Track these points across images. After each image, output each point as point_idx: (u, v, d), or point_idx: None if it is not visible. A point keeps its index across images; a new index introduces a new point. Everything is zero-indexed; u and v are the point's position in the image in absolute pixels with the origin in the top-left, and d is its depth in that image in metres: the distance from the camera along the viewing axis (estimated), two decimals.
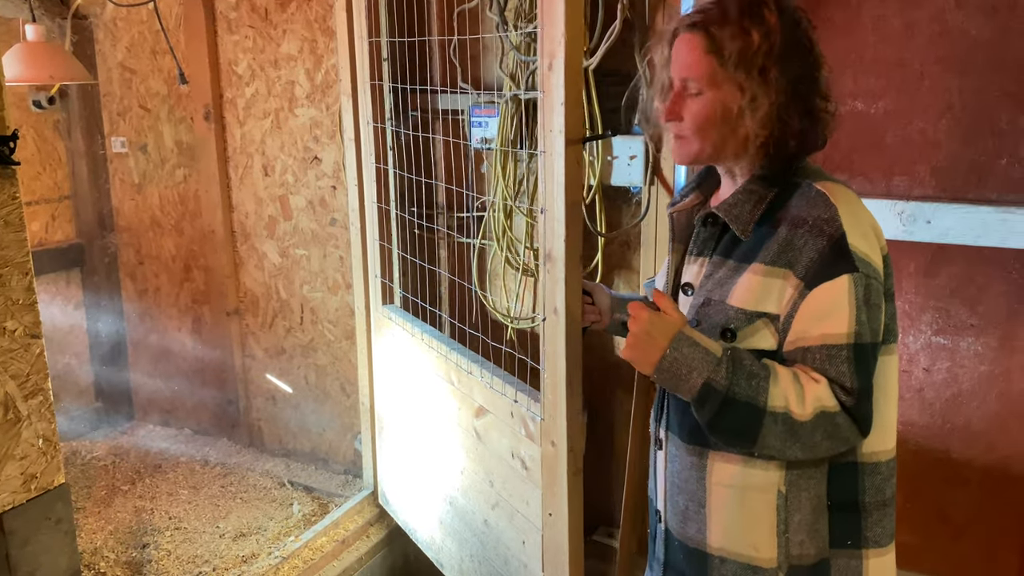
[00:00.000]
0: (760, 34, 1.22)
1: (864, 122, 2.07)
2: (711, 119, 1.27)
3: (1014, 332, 2.02)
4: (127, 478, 3.20)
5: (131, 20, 3.22)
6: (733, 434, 1.24)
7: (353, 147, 2.55)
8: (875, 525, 1.31)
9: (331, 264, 3.04)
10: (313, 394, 3.22)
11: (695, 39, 1.26)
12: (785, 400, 1.19)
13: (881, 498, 1.31)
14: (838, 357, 1.20)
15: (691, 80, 1.27)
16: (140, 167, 3.39)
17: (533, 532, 1.92)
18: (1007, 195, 1.97)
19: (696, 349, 1.22)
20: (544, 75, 1.60)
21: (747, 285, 1.25)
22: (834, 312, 1.20)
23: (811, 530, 1.29)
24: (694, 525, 1.35)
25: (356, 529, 2.68)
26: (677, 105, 1.30)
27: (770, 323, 1.24)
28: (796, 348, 1.24)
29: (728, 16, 1.24)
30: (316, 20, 2.82)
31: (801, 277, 1.22)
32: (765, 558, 1.30)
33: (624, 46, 2.23)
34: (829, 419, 1.20)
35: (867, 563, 1.32)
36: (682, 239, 1.42)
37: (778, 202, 1.29)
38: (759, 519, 1.29)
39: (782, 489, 1.28)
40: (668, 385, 1.26)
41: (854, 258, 1.20)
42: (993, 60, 1.93)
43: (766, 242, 1.26)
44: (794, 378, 1.21)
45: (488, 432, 2.07)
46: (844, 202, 1.24)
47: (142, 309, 3.57)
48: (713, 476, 1.32)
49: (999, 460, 2.10)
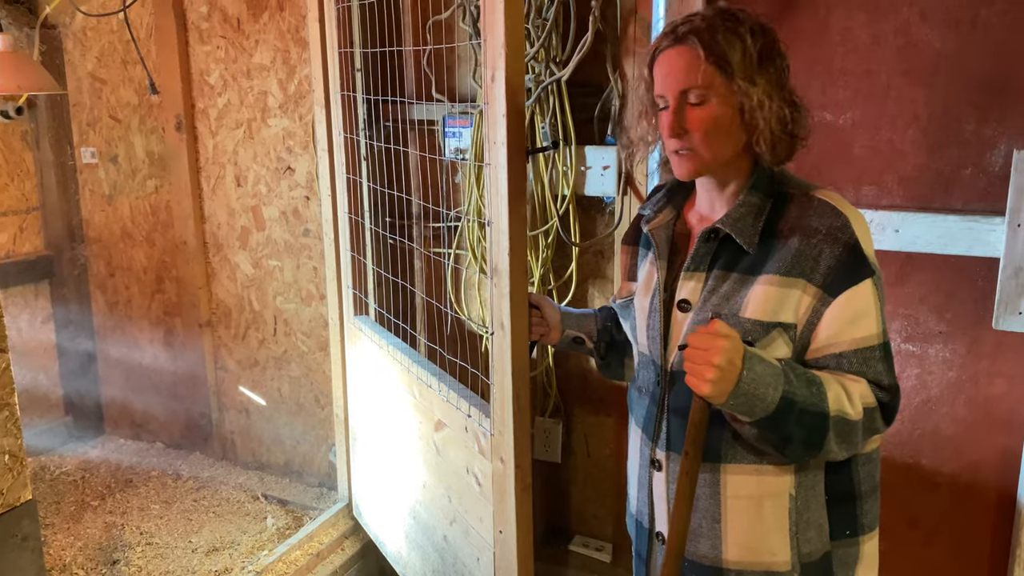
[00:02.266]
0: (751, 37, 1.25)
1: (833, 133, 2.10)
2: (720, 126, 1.27)
3: (981, 338, 2.05)
4: (97, 493, 3.15)
5: (101, 30, 3.20)
6: (804, 444, 1.22)
7: (326, 158, 2.54)
8: (868, 512, 1.35)
9: (304, 275, 3.02)
10: (287, 406, 3.20)
11: (689, 50, 1.26)
12: (839, 403, 1.21)
13: (872, 484, 1.36)
14: (873, 358, 1.25)
15: (692, 90, 1.26)
16: (110, 178, 3.36)
17: (486, 549, 1.91)
18: (972, 204, 2.01)
19: (765, 364, 1.19)
20: (488, 87, 1.59)
21: (762, 296, 1.25)
22: (864, 316, 1.24)
23: (817, 526, 1.32)
24: (707, 542, 1.34)
25: (331, 542, 2.65)
26: (679, 119, 1.28)
27: (784, 332, 1.26)
28: (828, 355, 1.26)
29: (715, 25, 1.26)
30: (289, 31, 2.81)
31: (820, 285, 1.24)
32: (781, 561, 1.31)
33: (596, 57, 2.25)
34: (871, 416, 1.25)
35: (862, 548, 1.36)
36: (664, 255, 1.41)
37: (775, 212, 1.30)
38: (775, 525, 1.30)
39: (792, 492, 1.30)
40: (742, 408, 1.19)
41: (870, 262, 1.25)
42: (957, 72, 1.97)
43: (774, 253, 1.27)
44: (836, 380, 1.23)
45: (447, 446, 2.06)
46: (850, 210, 1.28)
47: (113, 321, 3.52)
48: (728, 489, 1.31)
49: (967, 465, 2.13)
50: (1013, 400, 2.05)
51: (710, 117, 1.26)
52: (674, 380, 1.35)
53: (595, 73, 2.28)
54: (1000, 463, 2.09)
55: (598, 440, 2.61)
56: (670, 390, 1.36)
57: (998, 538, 2.13)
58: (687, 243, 1.39)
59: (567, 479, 2.69)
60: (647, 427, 1.42)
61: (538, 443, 2.61)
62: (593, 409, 2.59)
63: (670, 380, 1.36)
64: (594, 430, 2.61)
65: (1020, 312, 1.94)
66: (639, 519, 1.48)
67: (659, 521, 1.43)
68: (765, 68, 1.25)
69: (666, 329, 1.37)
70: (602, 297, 2.49)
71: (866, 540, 1.36)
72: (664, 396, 1.38)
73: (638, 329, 1.44)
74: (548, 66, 2.27)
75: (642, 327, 1.42)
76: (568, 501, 2.72)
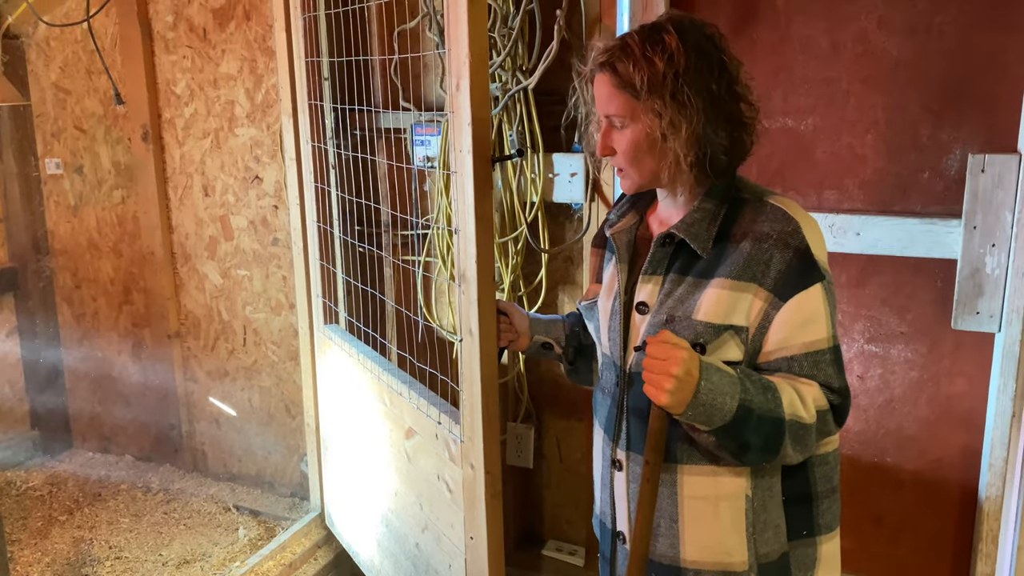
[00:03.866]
0: (663, 60, 1.25)
1: (794, 138, 2.14)
2: (639, 149, 1.31)
3: (941, 338, 2.10)
4: (65, 508, 3.11)
5: (65, 40, 3.16)
6: (761, 450, 1.24)
7: (294, 167, 2.53)
8: (826, 512, 1.37)
9: (274, 284, 3.01)
10: (258, 416, 3.18)
11: (606, 77, 1.30)
12: (793, 407, 1.23)
13: (830, 486, 1.37)
14: (823, 361, 1.27)
15: (613, 117, 1.32)
16: (76, 189, 3.32)
17: (458, 556, 1.91)
18: (930, 207, 2.05)
19: (721, 374, 1.20)
20: (452, 95, 1.60)
21: (714, 299, 1.27)
22: (814, 320, 1.26)
23: (774, 527, 1.34)
24: (666, 541, 1.36)
25: (303, 552, 2.64)
26: (607, 140, 1.35)
27: (736, 335, 1.27)
28: (779, 358, 1.27)
29: (629, 49, 1.27)
30: (256, 40, 2.81)
31: (771, 289, 1.26)
32: (738, 562, 1.32)
33: (562, 66, 2.27)
34: (824, 418, 1.27)
35: (820, 549, 1.38)
36: (625, 259, 1.44)
37: (729, 218, 1.32)
38: (732, 525, 1.32)
39: (749, 493, 1.31)
40: (700, 418, 1.20)
41: (820, 267, 1.27)
42: (913, 78, 2.01)
43: (726, 257, 1.29)
44: (789, 384, 1.25)
45: (417, 454, 2.07)
46: (801, 216, 1.30)
47: (80, 334, 3.48)
48: (685, 489, 1.33)
49: (930, 463, 2.18)
50: (973, 398, 2.09)
51: (628, 140, 1.31)
52: (632, 381, 1.37)
53: (561, 81, 2.29)
54: (962, 460, 2.13)
55: (570, 445, 2.62)
56: (629, 391, 1.38)
57: (961, 533, 2.17)
58: (648, 247, 1.41)
59: (540, 484, 2.71)
60: (608, 428, 1.44)
61: (510, 449, 2.62)
62: (564, 414, 2.61)
63: (629, 381, 1.38)
64: (566, 435, 2.62)
65: (977, 312, 1.98)
66: (603, 520, 1.50)
67: (620, 521, 1.44)
68: (688, 86, 1.25)
69: (626, 331, 1.39)
70: (571, 303, 2.51)
71: (824, 541, 1.38)
72: (624, 397, 1.40)
73: (601, 331, 1.46)
74: (515, 74, 2.29)
75: (604, 329, 1.45)
76: (541, 506, 2.73)
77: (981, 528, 2.08)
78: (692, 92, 1.25)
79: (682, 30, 1.28)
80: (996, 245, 1.93)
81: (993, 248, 1.94)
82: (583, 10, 2.23)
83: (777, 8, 2.10)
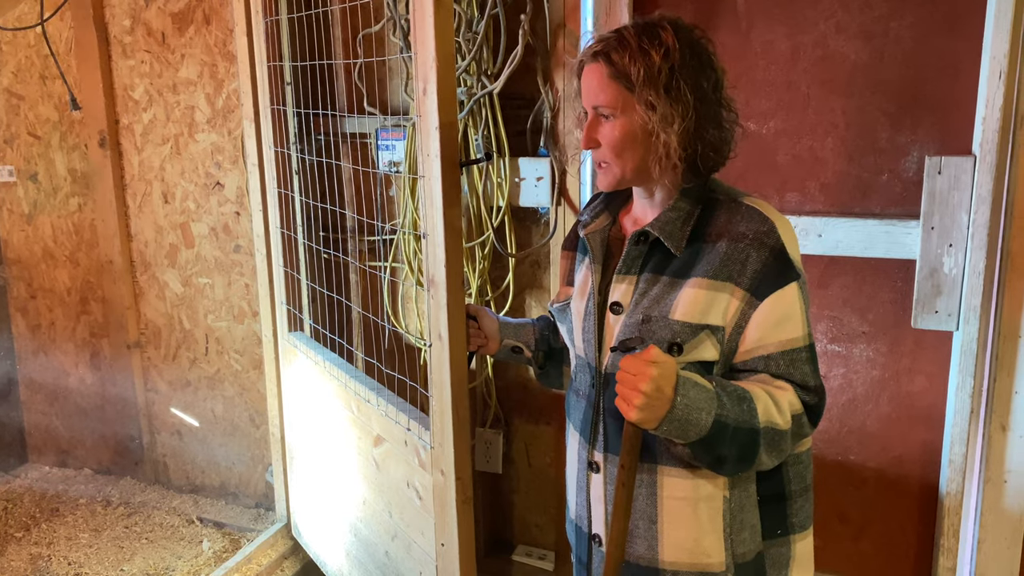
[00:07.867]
0: (660, 54, 1.26)
1: (757, 141, 2.17)
2: (626, 141, 1.31)
3: (901, 337, 2.14)
4: (21, 524, 3.03)
5: (17, 44, 3.09)
6: (737, 461, 1.24)
7: (257, 172, 2.50)
8: (799, 511, 1.38)
9: (236, 292, 2.97)
10: (221, 426, 3.13)
11: (599, 68, 1.30)
12: (768, 414, 1.23)
13: (803, 485, 1.38)
14: (799, 359, 1.28)
15: (602, 107, 1.31)
16: (30, 197, 3.24)
17: (429, 563, 1.90)
18: (889, 209, 2.09)
19: (698, 388, 1.20)
20: (420, 99, 1.60)
21: (691, 298, 1.28)
22: (790, 318, 1.27)
23: (751, 527, 1.34)
24: (643, 543, 1.36)
25: (269, 563, 2.60)
26: (592, 132, 1.34)
27: (712, 335, 1.28)
28: (755, 356, 1.28)
29: (626, 41, 1.28)
30: (216, 44, 2.77)
31: (747, 288, 1.26)
32: (716, 563, 1.33)
33: (527, 70, 2.27)
34: (799, 422, 1.27)
35: (794, 548, 1.39)
36: (599, 259, 1.44)
37: (704, 218, 1.33)
38: (710, 527, 1.32)
39: (727, 494, 1.32)
40: (676, 433, 1.20)
41: (795, 266, 1.29)
42: (871, 82, 2.05)
43: (702, 257, 1.30)
44: (764, 391, 1.25)
45: (386, 461, 2.05)
46: (776, 216, 1.31)
47: (35, 345, 3.40)
48: (665, 491, 1.33)
49: (892, 460, 2.21)
50: (932, 396, 2.13)
51: (616, 132, 1.31)
52: (608, 382, 1.37)
53: (527, 86, 2.30)
54: (922, 457, 2.17)
55: (538, 449, 2.62)
56: (605, 392, 1.38)
57: (923, 528, 2.21)
58: (622, 247, 1.42)
59: (509, 489, 2.70)
60: (584, 430, 1.44)
61: (479, 454, 2.61)
62: (533, 419, 2.61)
63: (604, 382, 1.38)
64: (534, 439, 2.62)
65: (936, 311, 2.02)
66: (578, 523, 1.49)
67: (596, 523, 1.44)
68: (681, 82, 1.27)
69: (600, 332, 1.39)
70: (539, 307, 2.51)
71: (798, 539, 1.39)
72: (600, 398, 1.40)
73: (575, 332, 1.46)
74: (480, 79, 2.28)
75: (578, 330, 1.44)
76: (510, 511, 2.72)
77: (943, 523, 2.12)
78: (687, 88, 1.27)
79: (677, 28, 1.30)
80: (953, 245, 1.97)
81: (950, 248, 1.98)
82: (547, 15, 2.23)
83: (739, 13, 2.13)
